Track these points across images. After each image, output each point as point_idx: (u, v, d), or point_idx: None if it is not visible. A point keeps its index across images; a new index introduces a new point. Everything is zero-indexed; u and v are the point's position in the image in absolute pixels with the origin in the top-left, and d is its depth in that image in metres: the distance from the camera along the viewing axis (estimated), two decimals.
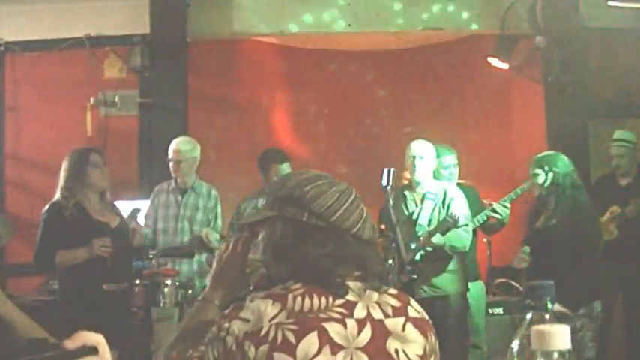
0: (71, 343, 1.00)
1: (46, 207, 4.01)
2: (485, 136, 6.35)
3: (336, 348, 1.38)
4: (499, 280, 5.23)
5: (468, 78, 6.36)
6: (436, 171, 4.66)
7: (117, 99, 6.04)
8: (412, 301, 1.55)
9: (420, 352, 1.47)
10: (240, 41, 6.45)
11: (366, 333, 1.42)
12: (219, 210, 4.90)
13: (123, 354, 3.89)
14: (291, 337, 1.37)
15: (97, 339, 1.03)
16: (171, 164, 4.82)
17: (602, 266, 4.27)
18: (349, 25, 6.23)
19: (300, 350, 1.36)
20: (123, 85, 6.08)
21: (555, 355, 0.95)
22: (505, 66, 5.61)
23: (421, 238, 4.34)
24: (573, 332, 3.15)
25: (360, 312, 1.44)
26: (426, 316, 1.55)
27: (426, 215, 4.43)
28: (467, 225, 4.39)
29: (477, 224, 4.64)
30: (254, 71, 6.61)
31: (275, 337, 1.37)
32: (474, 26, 6.21)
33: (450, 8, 6.23)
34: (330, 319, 1.41)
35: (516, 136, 6.51)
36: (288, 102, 6.70)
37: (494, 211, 4.60)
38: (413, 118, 6.59)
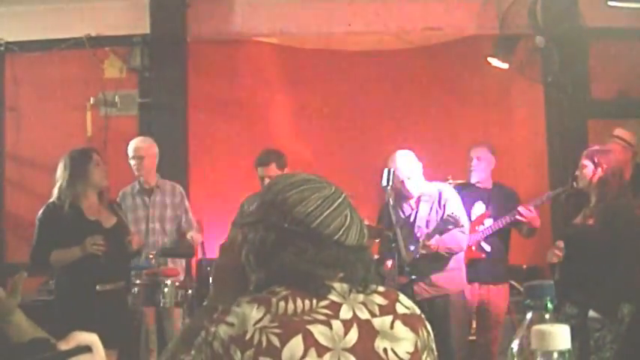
0: (65, 344, 1.02)
1: (42, 208, 4.05)
2: (485, 136, 6.35)
3: (322, 350, 1.37)
4: None
5: (468, 78, 6.35)
6: None
7: (117, 99, 6.04)
8: (401, 297, 1.52)
9: (411, 349, 1.44)
10: (240, 41, 6.45)
11: (353, 334, 1.41)
12: (187, 204, 4.98)
13: (122, 354, 3.91)
14: (276, 341, 1.36)
15: (91, 338, 1.05)
16: (133, 162, 4.91)
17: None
18: (349, 25, 6.23)
19: (285, 354, 1.35)
20: (123, 85, 6.08)
21: (555, 355, 0.95)
22: (505, 66, 5.61)
23: (421, 240, 4.34)
24: (592, 331, 3.05)
25: (345, 313, 1.43)
26: (417, 311, 1.52)
27: (423, 216, 4.43)
28: (463, 226, 4.37)
29: (502, 225, 4.70)
30: (254, 71, 6.61)
31: (260, 341, 1.36)
32: (474, 26, 6.21)
33: (450, 8, 6.23)
34: (315, 321, 1.40)
35: (516, 136, 6.51)
36: (288, 102, 6.70)
37: (519, 213, 4.63)
38: (413, 118, 6.59)
